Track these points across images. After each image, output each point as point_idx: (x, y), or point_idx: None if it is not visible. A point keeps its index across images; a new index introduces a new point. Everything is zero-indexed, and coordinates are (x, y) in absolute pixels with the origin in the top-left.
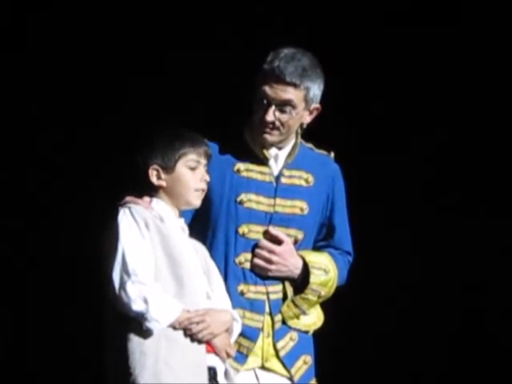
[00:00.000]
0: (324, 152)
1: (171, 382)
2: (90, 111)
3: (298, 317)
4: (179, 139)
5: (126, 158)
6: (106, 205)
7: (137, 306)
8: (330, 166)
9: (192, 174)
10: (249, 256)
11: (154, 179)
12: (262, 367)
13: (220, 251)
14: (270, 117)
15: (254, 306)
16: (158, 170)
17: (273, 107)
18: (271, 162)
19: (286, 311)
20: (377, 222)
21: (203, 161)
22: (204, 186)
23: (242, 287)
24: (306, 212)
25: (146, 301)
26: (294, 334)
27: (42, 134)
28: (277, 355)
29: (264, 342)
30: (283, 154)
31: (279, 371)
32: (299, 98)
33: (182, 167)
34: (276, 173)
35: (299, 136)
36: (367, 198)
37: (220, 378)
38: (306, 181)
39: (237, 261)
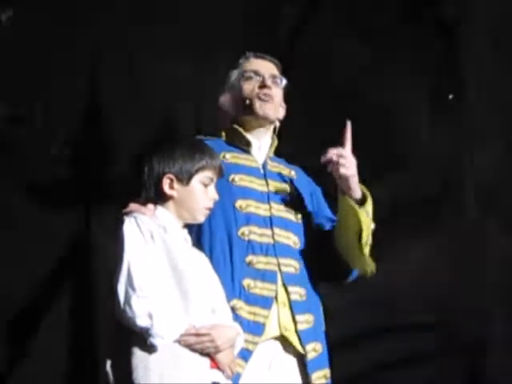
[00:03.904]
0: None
1: None
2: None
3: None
4: (199, 152)
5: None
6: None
7: (141, 321)
8: (306, 174)
9: (204, 191)
10: (252, 228)
11: (166, 188)
12: (282, 336)
13: (220, 227)
14: (268, 81)
15: (265, 277)
16: (172, 180)
17: (265, 78)
18: (255, 152)
19: (364, 217)
20: None
21: (215, 178)
22: (212, 205)
23: (250, 258)
24: (296, 196)
25: (150, 316)
26: (311, 318)
27: None
28: (295, 328)
29: (280, 312)
30: (264, 145)
31: (296, 345)
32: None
33: (196, 182)
34: (261, 162)
35: (276, 131)
36: None
37: None
38: (289, 173)
39: (239, 233)
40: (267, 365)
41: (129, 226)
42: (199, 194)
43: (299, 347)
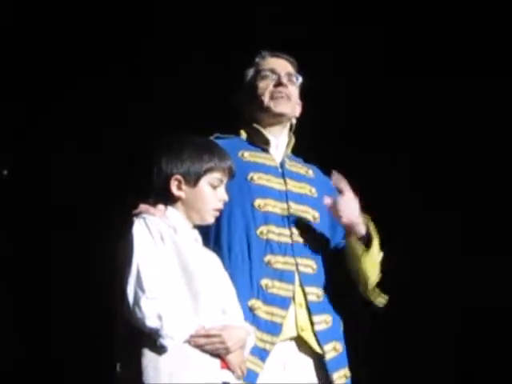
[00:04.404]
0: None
1: None
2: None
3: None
4: (208, 153)
5: (147, 164)
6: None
7: (151, 322)
8: (323, 173)
9: (213, 192)
10: (270, 228)
11: (174, 189)
12: (298, 337)
13: (239, 226)
14: (284, 79)
15: (283, 277)
16: (179, 181)
17: (281, 76)
18: (272, 151)
19: (372, 259)
20: None
21: (225, 179)
22: (221, 206)
23: (268, 257)
24: (315, 195)
25: (160, 317)
26: (329, 318)
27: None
28: (312, 329)
29: (297, 312)
30: (282, 144)
31: (313, 345)
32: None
33: (204, 184)
34: (279, 161)
35: (293, 129)
36: None
37: None
38: (307, 172)
39: (258, 232)
40: (282, 366)
41: (138, 228)
42: (207, 195)
43: (316, 347)
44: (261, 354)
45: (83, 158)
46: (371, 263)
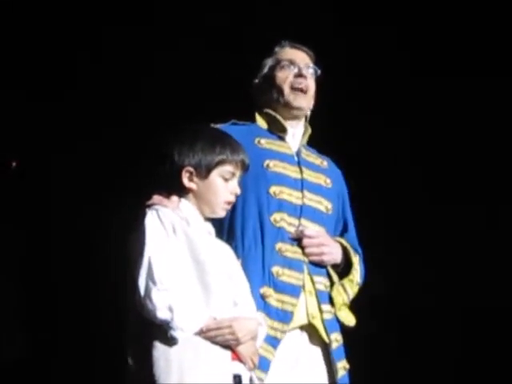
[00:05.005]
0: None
1: None
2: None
3: (345, 304)
4: (220, 145)
5: (160, 155)
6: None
7: (162, 314)
8: (336, 166)
9: (225, 185)
10: (283, 216)
11: (185, 180)
12: (308, 326)
13: (254, 212)
14: (304, 71)
15: (293, 265)
16: (191, 172)
17: (301, 68)
18: (289, 139)
19: (336, 296)
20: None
21: (238, 172)
22: (233, 199)
23: (279, 245)
24: (330, 185)
25: (170, 309)
26: (333, 309)
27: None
28: (321, 317)
29: (308, 300)
30: (298, 133)
31: (322, 333)
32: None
33: (216, 176)
34: (295, 149)
35: (307, 119)
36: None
37: None
38: (322, 163)
39: (271, 219)
40: (294, 359)
41: (150, 219)
42: (218, 187)
43: (325, 336)
44: (272, 342)
45: (83, 158)
46: (346, 294)
